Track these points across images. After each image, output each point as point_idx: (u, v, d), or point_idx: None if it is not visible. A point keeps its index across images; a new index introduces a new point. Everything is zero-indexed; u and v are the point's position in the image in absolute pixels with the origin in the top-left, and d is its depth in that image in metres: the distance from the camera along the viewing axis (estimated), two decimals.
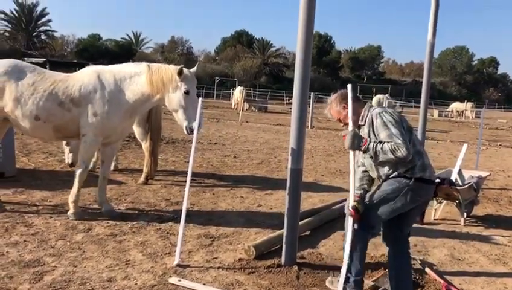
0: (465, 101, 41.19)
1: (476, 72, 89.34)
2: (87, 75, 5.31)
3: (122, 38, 71.53)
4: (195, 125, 4.84)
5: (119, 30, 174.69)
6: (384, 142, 3.25)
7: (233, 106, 29.38)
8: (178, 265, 4.16)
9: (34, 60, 31.86)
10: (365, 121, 3.46)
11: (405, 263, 3.58)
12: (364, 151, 3.39)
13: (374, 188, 3.55)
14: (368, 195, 3.51)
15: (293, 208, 4.24)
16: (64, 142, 7.57)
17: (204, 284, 3.80)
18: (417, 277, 4.16)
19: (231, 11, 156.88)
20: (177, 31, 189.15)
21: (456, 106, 39.92)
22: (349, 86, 3.52)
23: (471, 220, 6.32)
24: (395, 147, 3.19)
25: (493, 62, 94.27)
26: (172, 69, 5.10)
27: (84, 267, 4.03)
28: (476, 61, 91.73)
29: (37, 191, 6.38)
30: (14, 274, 3.78)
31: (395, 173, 3.36)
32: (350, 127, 3.45)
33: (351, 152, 3.48)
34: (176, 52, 76.40)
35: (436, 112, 40.41)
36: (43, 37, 63.66)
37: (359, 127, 3.52)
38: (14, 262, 4.02)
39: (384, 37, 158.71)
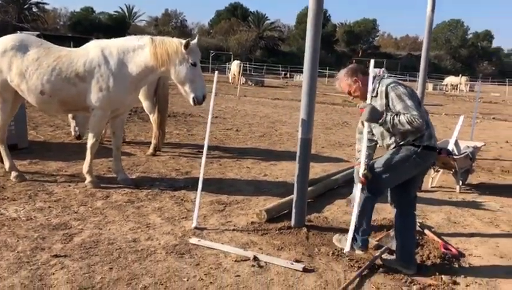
0: (460, 75, 41.41)
1: (471, 45, 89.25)
2: (91, 50, 5.44)
3: (115, 12, 70.72)
4: (200, 93, 5.12)
5: (112, 3, 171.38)
6: (401, 114, 3.48)
7: (230, 80, 29.44)
8: (196, 228, 4.47)
9: (28, 33, 31.47)
10: (377, 93, 3.67)
11: (411, 224, 3.90)
12: (382, 124, 3.61)
13: (383, 156, 3.81)
14: (377, 162, 3.78)
15: (303, 174, 4.54)
16: (70, 115, 7.73)
17: (222, 244, 4.12)
18: (418, 238, 4.50)
19: None
20: (170, 3, 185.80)
21: (450, 79, 40.19)
22: (372, 61, 3.74)
23: (466, 188, 6.67)
24: (411, 118, 3.42)
25: (488, 36, 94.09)
26: (177, 41, 5.26)
27: (109, 229, 4.34)
28: (470, 35, 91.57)
29: (52, 162, 6.64)
30: (45, 235, 4.08)
31: (404, 142, 3.63)
32: (368, 101, 3.69)
33: (366, 124, 3.75)
34: (169, 25, 75.68)
35: (431, 86, 40.66)
36: (34, 9, 62.60)
37: (371, 98, 3.73)
38: (43, 225, 4.32)
39: (380, 10, 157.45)
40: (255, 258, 3.82)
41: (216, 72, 4.94)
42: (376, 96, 3.68)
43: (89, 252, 3.80)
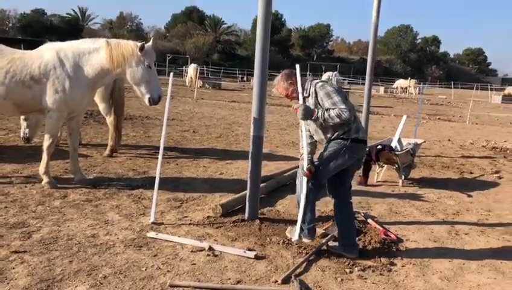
0: (409, 78, 43.12)
1: (420, 50, 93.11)
2: (46, 53, 5.52)
3: (67, 14, 68.91)
4: (155, 94, 5.40)
5: (64, 5, 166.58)
6: (330, 109, 3.88)
7: (187, 83, 29.43)
8: (153, 223, 4.67)
9: None
10: (309, 93, 4.07)
11: (349, 212, 4.26)
12: (315, 120, 4.00)
13: (321, 151, 4.17)
14: (317, 157, 4.14)
15: (255, 169, 4.83)
16: (21, 118, 7.65)
17: (179, 237, 4.34)
18: (361, 226, 4.89)
19: None
20: (125, 6, 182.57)
21: (400, 82, 41.78)
22: (297, 66, 4.14)
23: (409, 182, 7.17)
24: (339, 112, 3.83)
25: (435, 41, 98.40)
26: (132, 44, 5.45)
27: (68, 226, 4.46)
28: (419, 40, 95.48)
29: (6, 164, 6.61)
30: (3, 234, 4.15)
31: (335, 135, 4.01)
32: (300, 101, 4.05)
33: (302, 122, 4.09)
34: (124, 29, 74.52)
35: (382, 89, 42.22)
36: None
37: (304, 99, 4.10)
38: (0, 224, 4.37)
39: (333, 15, 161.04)
40: (210, 248, 4.06)
41: (172, 74, 5.13)
42: (308, 96, 4.07)
43: (48, 248, 3.92)
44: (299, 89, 4.08)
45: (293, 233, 4.27)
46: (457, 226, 5.19)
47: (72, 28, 61.85)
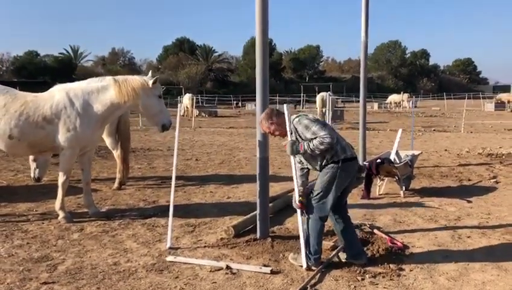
0: (402, 92, 43.74)
1: (410, 64, 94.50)
2: (56, 94, 5.86)
3: (60, 54, 69.84)
4: (167, 121, 5.87)
5: (56, 45, 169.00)
6: (313, 140, 4.12)
7: (182, 113, 29.77)
8: (170, 248, 4.89)
9: None
10: (291, 131, 4.32)
11: (348, 224, 4.50)
12: (303, 153, 4.26)
13: (316, 180, 4.36)
14: (314, 187, 4.34)
15: (263, 190, 5.09)
16: (30, 158, 7.93)
17: (196, 259, 4.56)
18: (368, 237, 5.12)
19: (169, 19, 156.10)
20: (117, 42, 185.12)
21: (393, 97, 42.36)
22: (285, 105, 4.43)
23: (410, 193, 7.42)
24: (321, 139, 4.06)
25: (424, 54, 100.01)
26: (139, 78, 5.88)
27: (90, 257, 4.67)
28: (409, 54, 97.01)
29: (20, 203, 6.84)
30: (30, 268, 4.37)
31: (325, 161, 4.23)
32: (289, 138, 4.34)
33: (292, 157, 4.36)
34: (117, 64, 75.54)
35: (376, 105, 42.84)
36: None
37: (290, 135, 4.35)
38: (25, 259, 4.59)
39: (322, 36, 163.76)
40: (228, 267, 4.29)
41: (179, 105, 5.47)
42: (291, 133, 4.32)
43: (75, 277, 4.14)
44: (288, 127, 4.34)
45: (299, 259, 4.37)
46: (460, 231, 5.43)
47: (65, 66, 62.70)
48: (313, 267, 4.29)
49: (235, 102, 48.00)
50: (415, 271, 4.24)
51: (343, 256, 4.49)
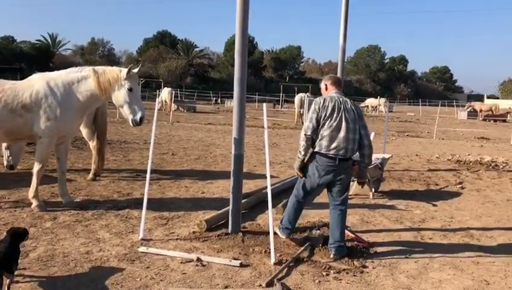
0: (379, 97, 44.47)
1: (388, 69, 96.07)
2: (36, 82, 5.86)
3: (37, 40, 68.42)
4: (138, 115, 5.75)
5: (34, 31, 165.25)
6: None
7: (159, 107, 29.67)
8: (142, 239, 4.98)
9: None
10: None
11: (335, 215, 4.80)
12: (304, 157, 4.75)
13: None
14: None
15: (237, 186, 5.22)
16: (4, 146, 7.87)
17: (168, 250, 4.66)
18: None
19: (151, 11, 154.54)
20: (97, 32, 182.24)
21: (370, 101, 43.07)
22: (264, 104, 4.85)
23: (379, 195, 7.67)
24: (302, 134, 4.66)
25: (403, 60, 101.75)
26: (117, 70, 5.88)
27: (62, 245, 4.73)
28: (387, 59, 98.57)
29: None
30: None
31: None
32: (265, 132, 4.80)
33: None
34: (96, 54, 74.48)
35: None
36: None
37: None
38: None
39: (304, 37, 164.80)
40: (198, 259, 4.41)
41: (157, 100, 5.55)
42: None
43: (46, 264, 4.19)
44: (265, 125, 4.80)
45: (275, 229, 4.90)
46: (423, 232, 5.68)
47: (42, 54, 61.56)
48: (282, 237, 4.87)
49: (214, 98, 47.97)
50: (378, 269, 4.44)
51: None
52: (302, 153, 4.69)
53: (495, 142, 18.45)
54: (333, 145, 4.56)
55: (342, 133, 4.56)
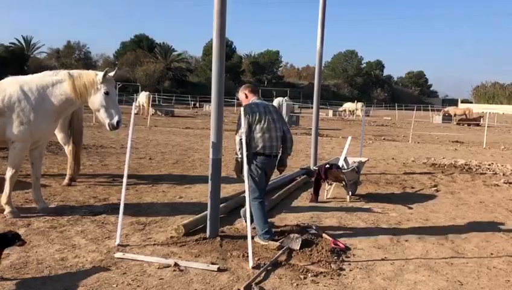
0: (356, 101, 45.01)
1: (365, 74, 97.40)
2: (9, 86, 5.74)
3: (11, 43, 66.95)
4: (114, 119, 5.68)
5: (7, 34, 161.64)
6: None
7: (137, 112, 29.36)
8: (119, 245, 4.92)
9: None
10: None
11: (257, 206, 5.16)
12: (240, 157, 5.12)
13: None
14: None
15: (215, 190, 5.21)
16: None
17: (145, 256, 4.62)
18: (312, 238, 5.34)
19: (128, 15, 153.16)
20: (73, 35, 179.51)
21: (347, 105, 43.55)
22: (241, 108, 5.10)
23: (356, 198, 7.75)
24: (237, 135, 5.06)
25: (379, 65, 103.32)
26: (93, 73, 5.79)
27: (36, 252, 4.63)
28: (364, 64, 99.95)
29: None
30: None
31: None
32: (243, 131, 5.00)
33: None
34: (72, 58, 73.38)
35: (330, 112, 43.89)
36: None
37: None
38: None
39: (282, 42, 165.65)
40: (176, 264, 4.38)
41: (134, 104, 5.49)
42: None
43: (19, 272, 4.11)
44: (243, 128, 4.99)
45: (256, 239, 5.12)
46: (399, 235, 5.76)
47: (16, 57, 60.24)
48: (266, 242, 5.05)
49: (192, 102, 47.80)
50: (355, 271, 4.49)
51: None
52: (240, 155, 5.07)
53: (469, 145, 18.87)
54: (268, 145, 5.12)
55: (273, 133, 5.17)
